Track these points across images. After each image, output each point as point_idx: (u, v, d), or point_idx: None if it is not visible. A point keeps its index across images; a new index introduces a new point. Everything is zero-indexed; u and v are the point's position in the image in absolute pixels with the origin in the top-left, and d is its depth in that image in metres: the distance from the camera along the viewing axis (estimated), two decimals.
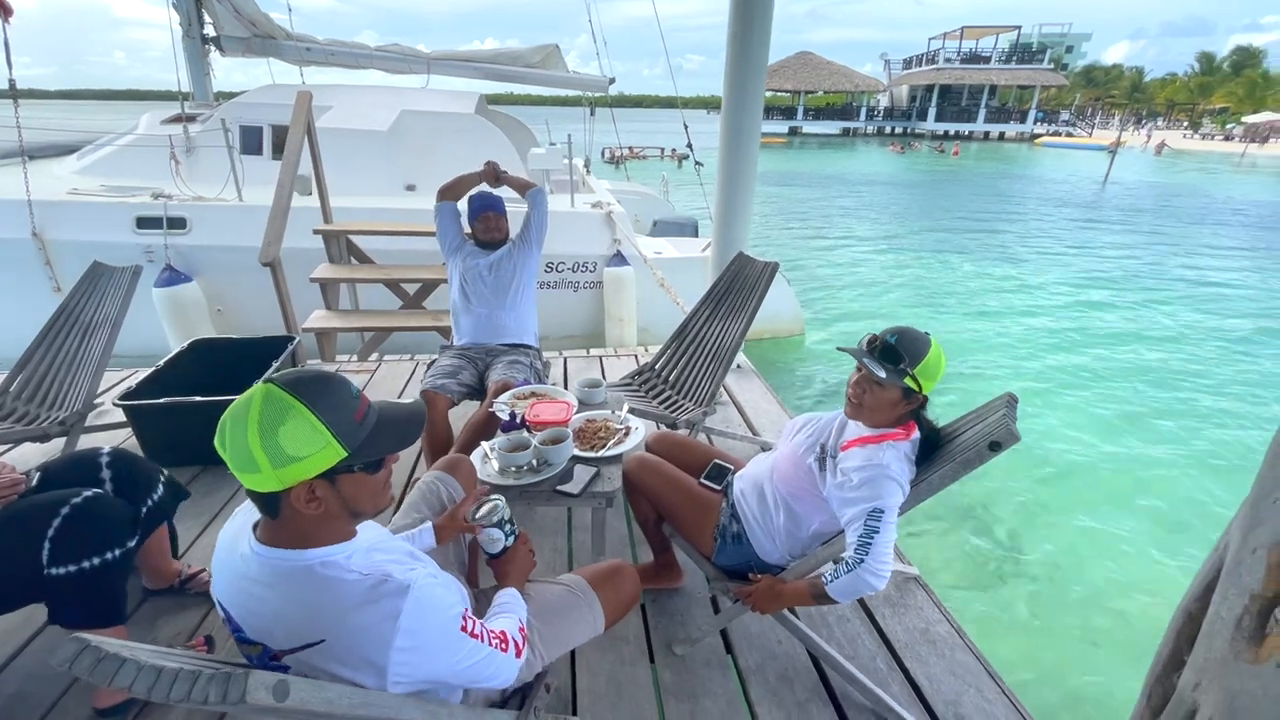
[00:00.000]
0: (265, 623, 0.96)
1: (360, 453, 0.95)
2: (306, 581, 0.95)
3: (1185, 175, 27.89)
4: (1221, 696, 0.96)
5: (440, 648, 0.99)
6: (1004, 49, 48.76)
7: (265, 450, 0.87)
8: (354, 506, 0.98)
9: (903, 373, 1.51)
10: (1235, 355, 7.36)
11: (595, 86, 8.39)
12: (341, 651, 0.94)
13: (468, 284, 2.88)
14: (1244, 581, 0.93)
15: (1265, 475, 0.92)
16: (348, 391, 0.97)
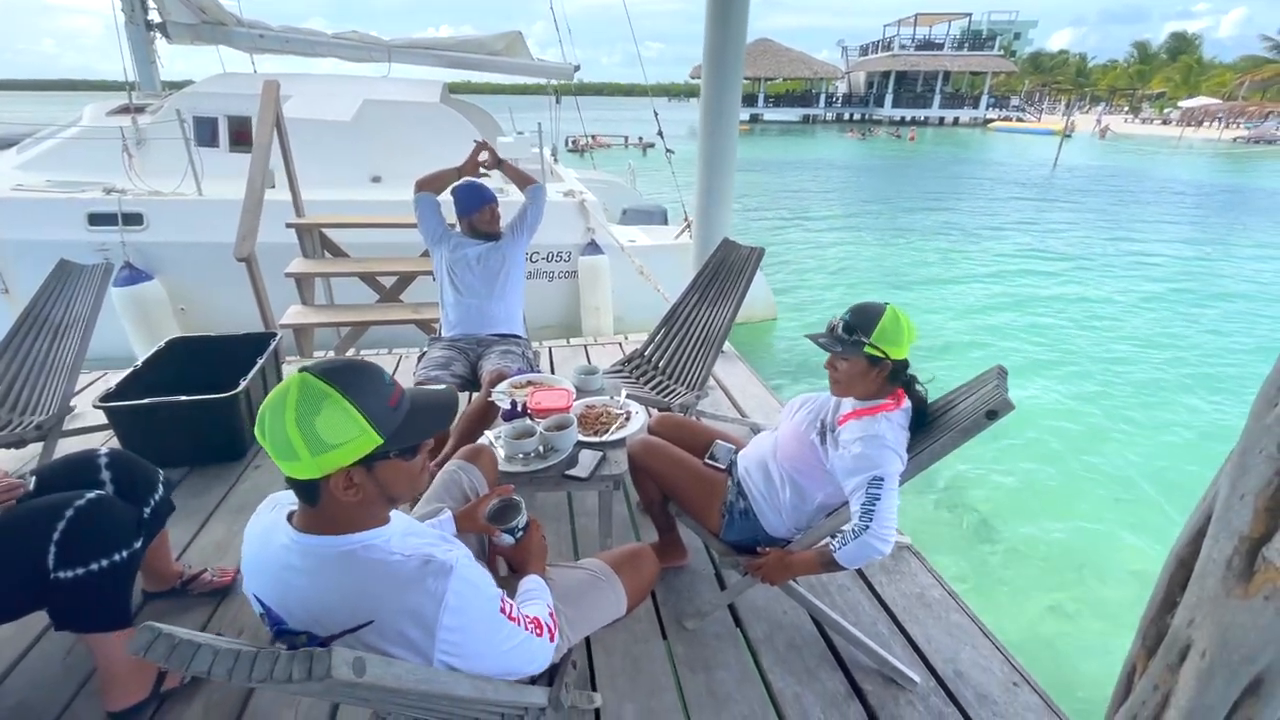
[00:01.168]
0: (311, 610, 0.96)
1: (395, 439, 0.96)
2: (351, 565, 0.96)
3: (1128, 158, 29.11)
4: (1214, 630, 1.05)
5: (483, 630, 1.01)
6: (956, 36, 49.92)
7: (304, 438, 0.88)
8: (391, 492, 1.00)
9: (858, 344, 1.58)
10: (1183, 323, 7.79)
11: (559, 74, 8.31)
12: (390, 632, 0.95)
13: (455, 274, 2.85)
14: (1234, 525, 1.02)
15: (1251, 428, 1.01)
16: (381, 379, 0.98)
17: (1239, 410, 5.64)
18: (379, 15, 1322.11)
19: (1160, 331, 7.64)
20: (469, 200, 2.85)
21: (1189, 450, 4.92)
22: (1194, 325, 7.89)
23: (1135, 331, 7.69)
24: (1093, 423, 5.31)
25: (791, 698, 1.72)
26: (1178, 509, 4.10)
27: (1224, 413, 5.62)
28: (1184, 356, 6.88)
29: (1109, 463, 4.66)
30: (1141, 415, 5.48)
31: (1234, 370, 6.53)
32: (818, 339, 1.66)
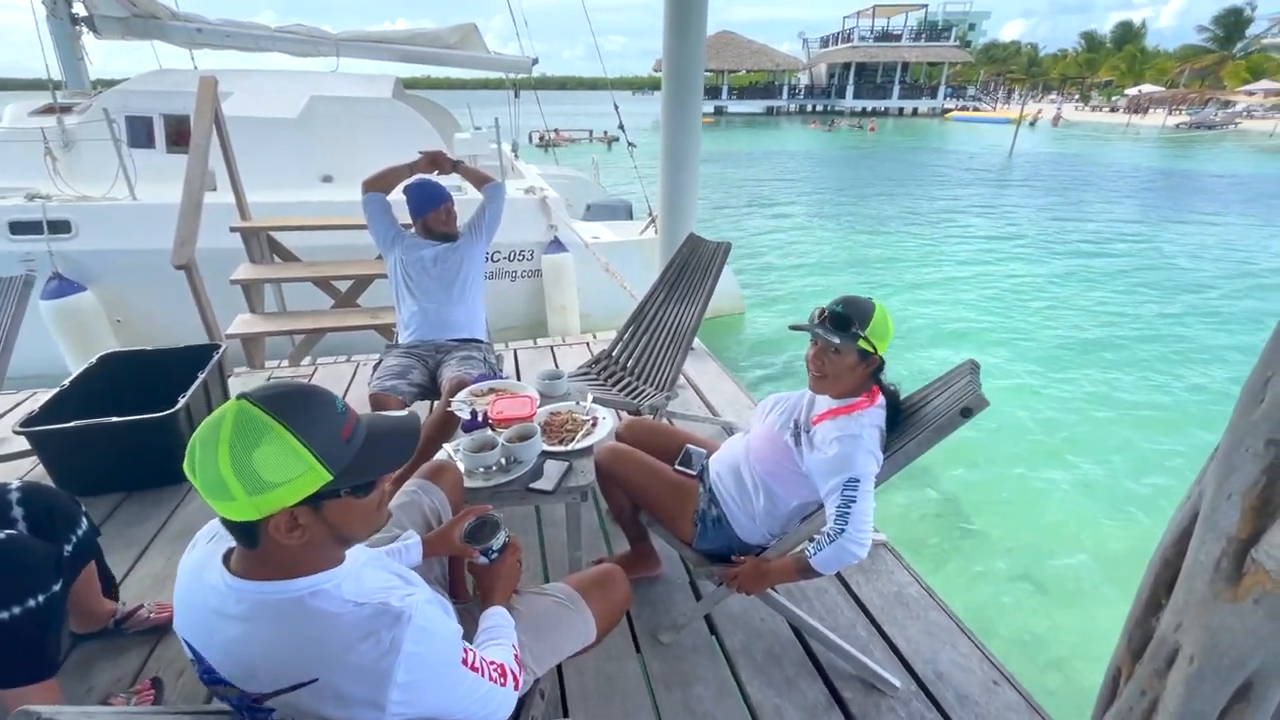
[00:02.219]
0: (244, 664, 0.86)
1: (348, 475, 0.85)
2: (295, 615, 0.85)
3: (1080, 144, 30.01)
4: (1202, 635, 1.01)
5: (441, 681, 0.91)
6: (913, 27, 50.70)
7: (239, 476, 0.77)
8: (343, 533, 0.89)
9: (855, 336, 1.53)
10: (1136, 300, 8.03)
11: (518, 68, 8.12)
12: (336, 690, 0.85)
13: (410, 278, 2.72)
14: (1221, 526, 0.97)
15: (1237, 424, 0.96)
16: (333, 407, 0.87)
17: (1198, 382, 5.83)
18: (333, 9, 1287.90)
19: (1118, 310, 7.86)
20: (422, 200, 2.71)
21: (1144, 423, 5.05)
22: (1147, 302, 8.15)
23: (1092, 309, 7.91)
24: (1056, 400, 5.42)
25: (771, 710, 1.66)
26: (1132, 479, 4.19)
27: (1183, 387, 5.78)
28: (1138, 332, 7.08)
29: (1072, 440, 4.75)
30: (1100, 390, 5.61)
31: (1187, 344, 6.74)
32: (814, 328, 1.58)
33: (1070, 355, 6.57)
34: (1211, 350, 6.73)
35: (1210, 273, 9.60)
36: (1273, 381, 0.90)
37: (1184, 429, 5.10)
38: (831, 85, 52.22)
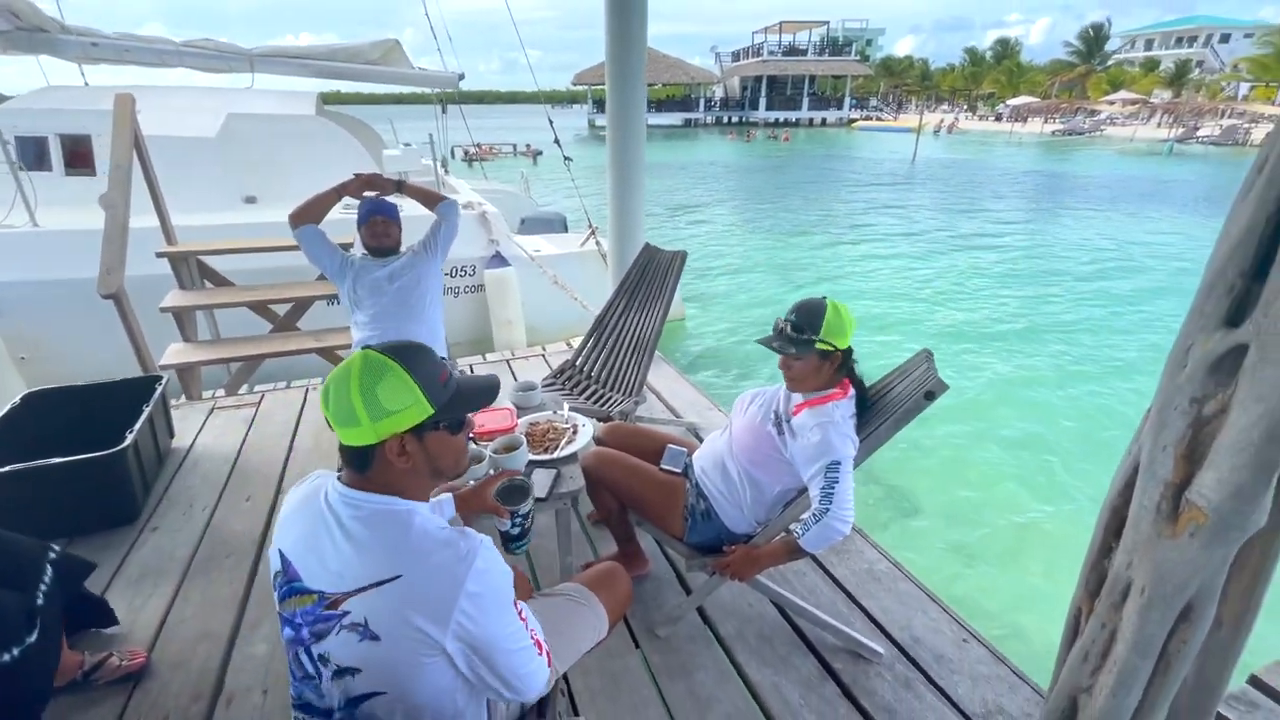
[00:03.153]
0: (338, 563, 0.97)
1: (445, 411, 1.02)
2: (393, 521, 0.99)
3: (972, 150, 32.51)
4: (1150, 569, 1.18)
5: (499, 608, 1.01)
6: (817, 42, 53.45)
7: (365, 404, 0.95)
8: (437, 464, 1.05)
9: (809, 342, 1.66)
10: (1036, 286, 8.82)
11: (444, 83, 8.02)
12: (414, 588, 0.95)
13: (366, 299, 2.68)
14: (1159, 474, 1.15)
15: (1166, 388, 1.14)
16: (434, 358, 1.05)
17: (1089, 357, 6.46)
18: (231, 21, 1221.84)
19: (1023, 295, 8.61)
20: (371, 207, 2.68)
21: (1050, 398, 5.58)
22: (1048, 287, 8.97)
23: (1001, 296, 8.63)
24: (977, 381, 5.89)
25: (770, 688, 1.76)
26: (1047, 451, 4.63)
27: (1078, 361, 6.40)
28: (1044, 315, 7.79)
29: (993, 418, 5.18)
30: (1013, 369, 6.14)
31: (1084, 322, 7.47)
32: (770, 343, 1.71)
33: (985, 338, 7.16)
34: (1099, 325, 7.52)
35: (1092, 258, 10.71)
36: (1193, 350, 1.08)
37: (1081, 400, 5.67)
38: (745, 97, 54.17)
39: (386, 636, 0.94)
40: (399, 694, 0.98)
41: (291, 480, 2.72)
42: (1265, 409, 0.96)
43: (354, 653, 0.96)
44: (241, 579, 2.17)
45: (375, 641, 0.94)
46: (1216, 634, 1.20)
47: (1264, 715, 1.70)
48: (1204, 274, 1.04)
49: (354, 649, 0.95)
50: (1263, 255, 0.96)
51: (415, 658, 0.95)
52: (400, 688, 0.98)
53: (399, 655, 0.95)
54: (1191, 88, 49.76)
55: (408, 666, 0.96)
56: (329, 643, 0.97)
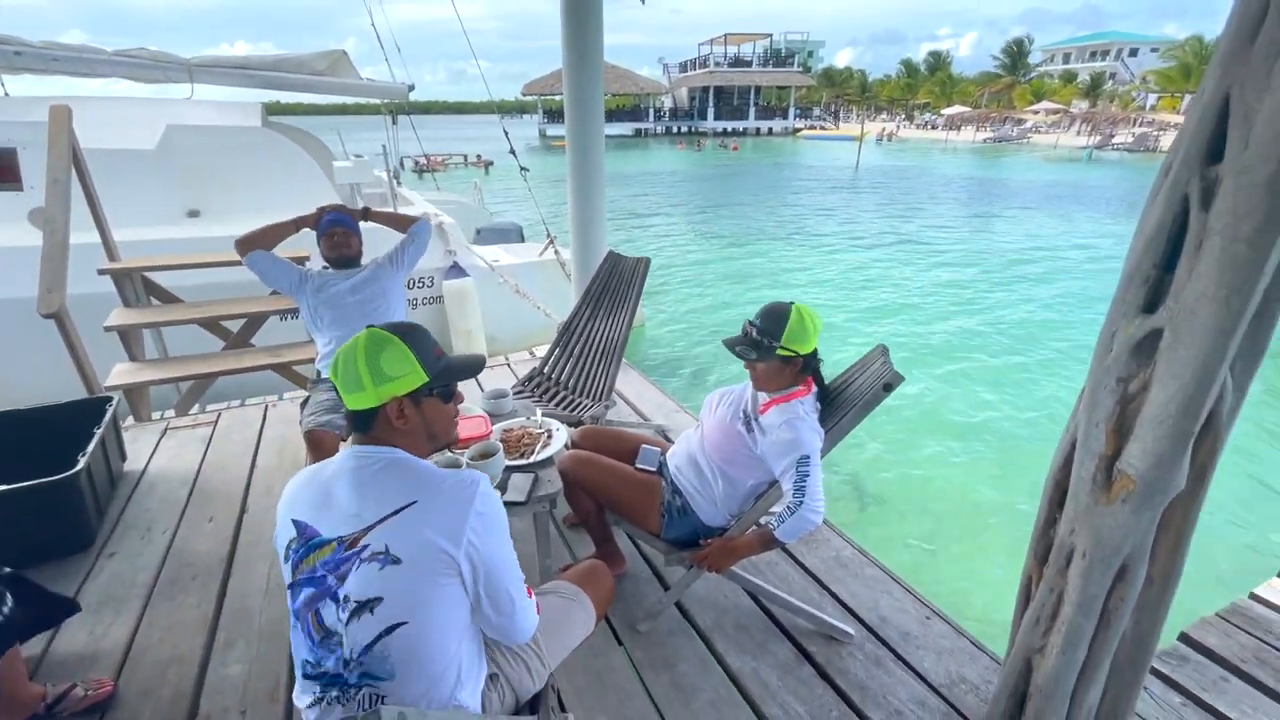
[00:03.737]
0: (356, 505, 1.07)
1: (438, 379, 1.17)
2: (402, 463, 1.12)
3: (911, 158, 33.91)
4: (1089, 534, 1.31)
5: (501, 534, 1.13)
6: (761, 54, 54.82)
7: (370, 371, 1.10)
8: (432, 428, 1.19)
9: (770, 349, 1.75)
10: (980, 285, 9.28)
11: (394, 94, 7.92)
12: (430, 510, 1.06)
13: (327, 311, 2.64)
14: (1093, 448, 1.28)
15: (1096, 370, 1.27)
16: (430, 337, 1.20)
17: (1028, 349, 6.85)
18: (158, 29, 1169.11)
19: (962, 293, 9.05)
20: (334, 218, 2.66)
21: (987, 388, 5.89)
22: (986, 283, 9.45)
23: (944, 293, 9.05)
24: (926, 375, 6.17)
25: (750, 673, 1.83)
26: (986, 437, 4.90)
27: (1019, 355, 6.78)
28: (980, 313, 8.20)
29: (937, 409, 5.44)
30: (958, 362, 6.46)
31: (1020, 315, 7.91)
32: (734, 348, 1.79)
33: (932, 333, 7.50)
34: (1035, 317, 7.99)
35: (1027, 257, 11.37)
36: (1117, 335, 1.21)
37: (1022, 387, 6.01)
38: (694, 108, 55.05)
39: (408, 557, 1.03)
40: (419, 623, 1.04)
41: (257, 498, 2.65)
42: (1180, 385, 1.10)
43: (375, 582, 1.02)
44: (210, 600, 2.11)
45: (397, 565, 1.02)
46: (1149, 590, 1.34)
47: (1193, 667, 1.88)
48: (1123, 267, 1.18)
49: (375, 578, 1.02)
50: (1171, 250, 1.09)
51: (435, 578, 1.05)
52: (419, 614, 1.04)
53: (419, 576, 1.04)
54: (1106, 98, 53.29)
55: (426, 588, 1.04)
56: (353, 579, 1.03)
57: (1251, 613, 2.08)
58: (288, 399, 3.75)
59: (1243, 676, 1.85)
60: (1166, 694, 1.79)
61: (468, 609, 1.12)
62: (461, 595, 1.09)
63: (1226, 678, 1.84)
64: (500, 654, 1.32)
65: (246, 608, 2.09)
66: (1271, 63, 0.90)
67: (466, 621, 1.13)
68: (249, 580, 2.22)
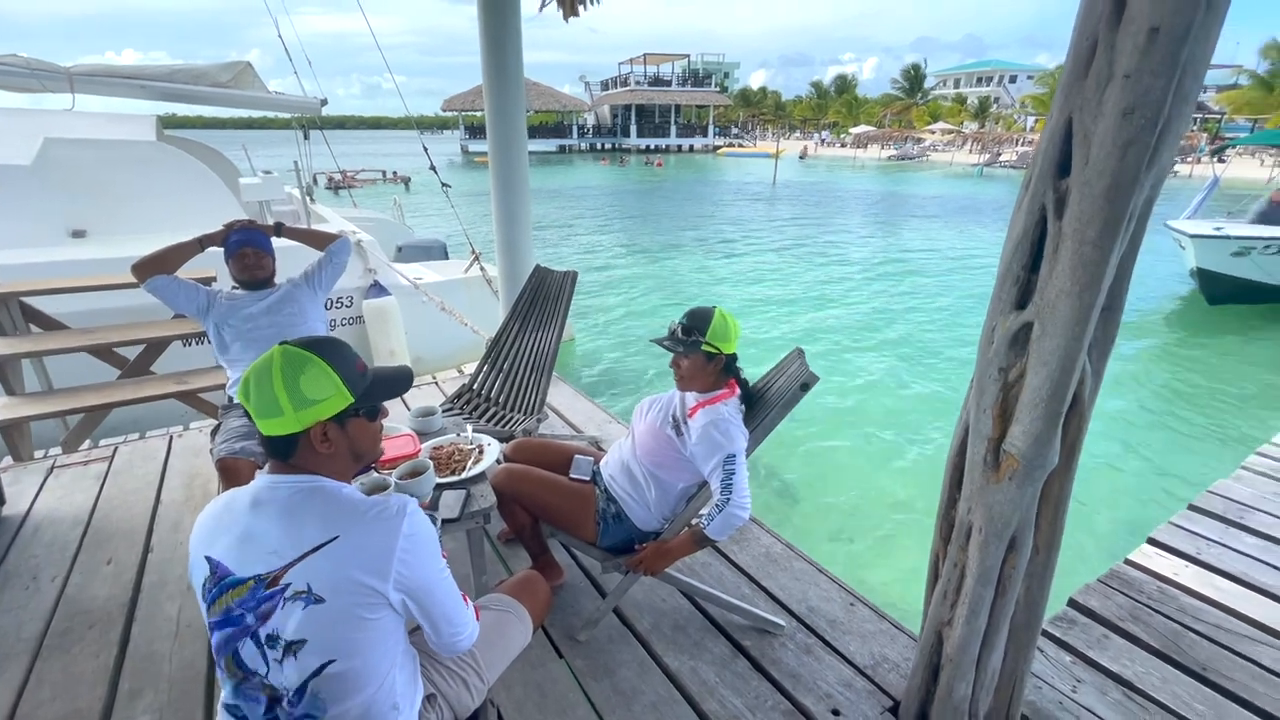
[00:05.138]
0: (274, 541, 1.00)
1: (363, 399, 1.10)
2: (323, 494, 1.05)
3: (824, 174, 35.73)
4: (983, 511, 1.45)
5: (432, 555, 1.09)
6: (680, 73, 56.36)
7: (289, 396, 1.02)
8: (357, 449, 1.12)
9: (696, 343, 1.84)
10: (888, 294, 9.87)
11: (305, 108, 7.62)
12: (354, 545, 1.01)
13: (239, 336, 2.52)
14: (982, 432, 1.42)
15: (980, 360, 1.42)
16: (350, 351, 1.12)
17: (935, 344, 7.34)
18: (33, 34, 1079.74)
19: (871, 297, 9.61)
20: (243, 237, 2.54)
21: (897, 384, 6.29)
22: (892, 288, 10.06)
23: (854, 297, 9.57)
24: (839, 375, 6.50)
25: (689, 672, 1.88)
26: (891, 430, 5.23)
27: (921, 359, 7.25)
28: (887, 314, 8.74)
29: (853, 407, 5.75)
30: (867, 361, 6.84)
31: (924, 318, 8.48)
32: (662, 342, 1.87)
33: (844, 335, 7.94)
34: (936, 317, 8.60)
35: (928, 261, 12.24)
36: (996, 329, 1.35)
37: (925, 381, 6.45)
38: (616, 125, 55.82)
39: (331, 596, 0.98)
40: (347, 658, 1.01)
41: (162, 536, 2.47)
42: (1048, 371, 1.24)
43: (300, 622, 0.98)
44: (110, 649, 1.95)
45: (320, 604, 0.98)
46: (1035, 559, 1.49)
47: (1080, 629, 2.08)
48: (998, 269, 1.32)
49: (299, 618, 0.98)
50: (1035, 253, 1.24)
51: (360, 614, 1.00)
52: (347, 651, 1.00)
53: (344, 615, 0.99)
54: (992, 120, 58.21)
55: (352, 626, 1.00)
56: (276, 619, 0.98)
57: (1126, 576, 2.33)
58: (195, 428, 3.51)
59: (1121, 634, 2.07)
60: (1059, 654, 1.98)
61: (401, 634, 1.10)
62: (394, 623, 1.06)
63: (1108, 635, 2.06)
64: (437, 673, 1.30)
65: (154, 653, 1.95)
66: (1102, 92, 1.05)
67: (402, 647, 1.11)
68: (156, 624, 2.06)
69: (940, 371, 6.89)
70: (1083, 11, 1.07)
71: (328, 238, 2.75)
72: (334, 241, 2.73)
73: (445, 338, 5.97)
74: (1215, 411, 5.92)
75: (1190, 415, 5.84)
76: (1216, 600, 2.20)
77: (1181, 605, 2.19)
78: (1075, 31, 1.08)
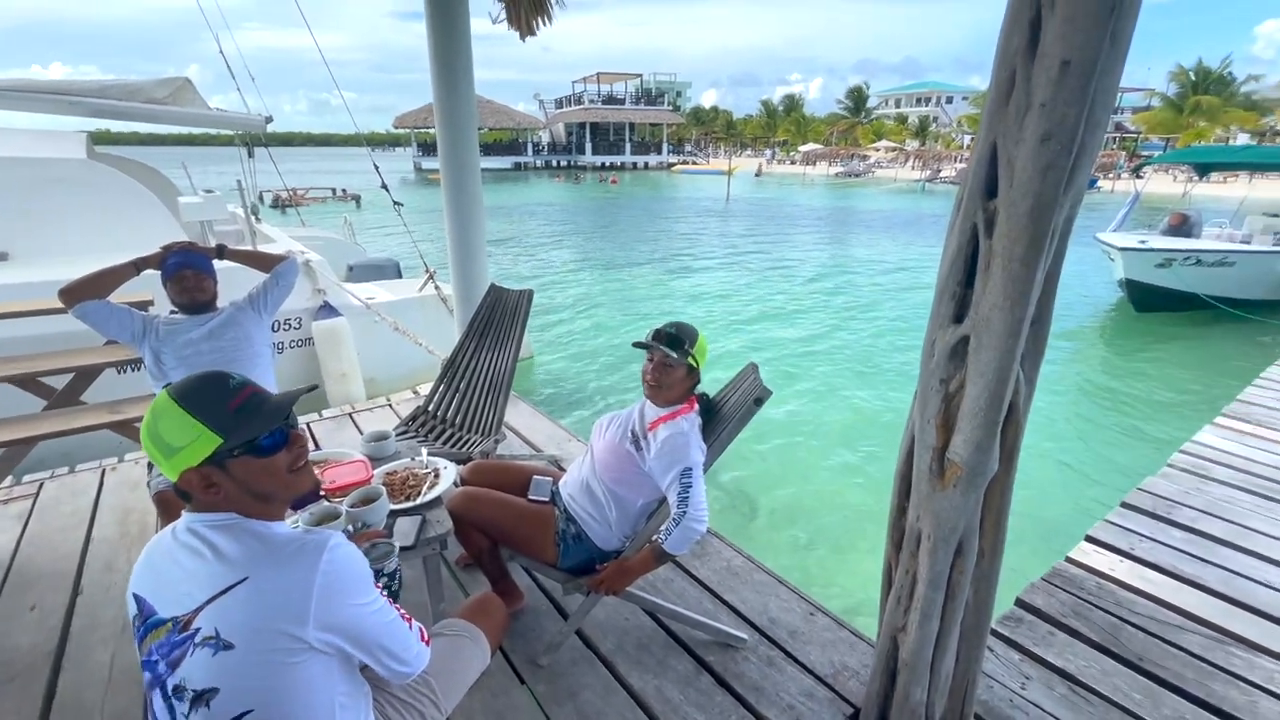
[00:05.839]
0: (186, 583, 0.98)
1: (236, 436, 1.01)
2: (238, 532, 1.01)
3: (774, 190, 36.68)
4: (931, 518, 1.50)
5: (357, 589, 1.04)
6: (633, 92, 57.18)
7: (155, 445, 0.99)
8: (254, 489, 1.04)
9: (686, 353, 1.89)
10: (837, 306, 10.14)
11: (248, 125, 7.40)
12: (266, 588, 0.96)
13: (178, 363, 2.40)
14: (927, 441, 1.47)
15: (923, 373, 1.47)
16: (224, 384, 1.04)
17: (884, 354, 7.57)
18: None
19: (825, 309, 9.86)
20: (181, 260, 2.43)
21: (851, 392, 6.46)
22: (842, 301, 10.35)
23: (808, 311, 9.81)
24: (796, 389, 6.63)
25: (653, 691, 1.87)
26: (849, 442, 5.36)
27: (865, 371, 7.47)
28: (840, 327, 8.98)
29: (808, 420, 5.87)
30: (822, 372, 7.01)
31: (877, 329, 8.74)
32: (656, 345, 1.89)
33: (799, 347, 8.12)
34: (887, 328, 8.88)
35: (876, 274, 12.62)
36: (936, 342, 1.41)
37: (878, 392, 6.64)
38: (571, 142, 56.11)
39: (241, 643, 0.93)
40: (266, 707, 0.95)
41: (94, 577, 2.32)
42: (985, 382, 1.30)
43: (209, 670, 0.93)
44: (34, 702, 1.82)
45: (229, 651, 0.93)
46: (981, 562, 1.54)
47: (1027, 626, 2.16)
48: (936, 285, 1.38)
49: (208, 666, 0.93)
50: (969, 269, 1.30)
51: (277, 661, 0.95)
52: (266, 700, 0.95)
53: (259, 662, 0.94)
54: (932, 138, 60.94)
55: (270, 673, 0.95)
56: (184, 668, 0.94)
57: (1068, 574, 2.44)
58: (131, 460, 3.33)
59: (1065, 630, 2.16)
60: (1008, 652, 2.05)
61: (340, 674, 1.04)
62: (323, 665, 1.00)
63: (1053, 632, 2.14)
64: (390, 705, 1.26)
65: (84, 703, 1.82)
66: (1022, 119, 1.12)
67: (342, 688, 1.05)
68: (86, 671, 1.93)
69: (891, 380, 7.10)
70: (1001, 45, 1.14)
71: (274, 259, 2.67)
72: (281, 263, 2.65)
73: (399, 358, 5.84)
74: (1145, 411, 6.27)
75: (1122, 415, 6.17)
76: (1149, 593, 2.32)
77: (1118, 599, 2.30)
78: (996, 63, 1.16)
